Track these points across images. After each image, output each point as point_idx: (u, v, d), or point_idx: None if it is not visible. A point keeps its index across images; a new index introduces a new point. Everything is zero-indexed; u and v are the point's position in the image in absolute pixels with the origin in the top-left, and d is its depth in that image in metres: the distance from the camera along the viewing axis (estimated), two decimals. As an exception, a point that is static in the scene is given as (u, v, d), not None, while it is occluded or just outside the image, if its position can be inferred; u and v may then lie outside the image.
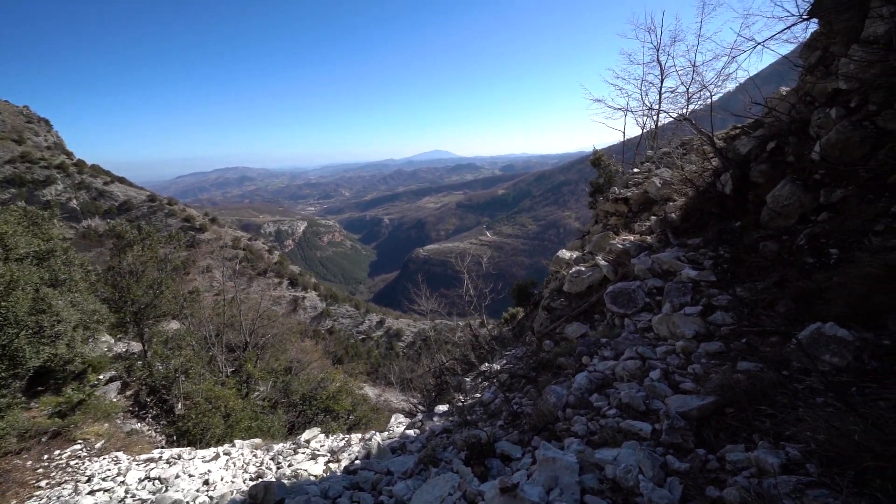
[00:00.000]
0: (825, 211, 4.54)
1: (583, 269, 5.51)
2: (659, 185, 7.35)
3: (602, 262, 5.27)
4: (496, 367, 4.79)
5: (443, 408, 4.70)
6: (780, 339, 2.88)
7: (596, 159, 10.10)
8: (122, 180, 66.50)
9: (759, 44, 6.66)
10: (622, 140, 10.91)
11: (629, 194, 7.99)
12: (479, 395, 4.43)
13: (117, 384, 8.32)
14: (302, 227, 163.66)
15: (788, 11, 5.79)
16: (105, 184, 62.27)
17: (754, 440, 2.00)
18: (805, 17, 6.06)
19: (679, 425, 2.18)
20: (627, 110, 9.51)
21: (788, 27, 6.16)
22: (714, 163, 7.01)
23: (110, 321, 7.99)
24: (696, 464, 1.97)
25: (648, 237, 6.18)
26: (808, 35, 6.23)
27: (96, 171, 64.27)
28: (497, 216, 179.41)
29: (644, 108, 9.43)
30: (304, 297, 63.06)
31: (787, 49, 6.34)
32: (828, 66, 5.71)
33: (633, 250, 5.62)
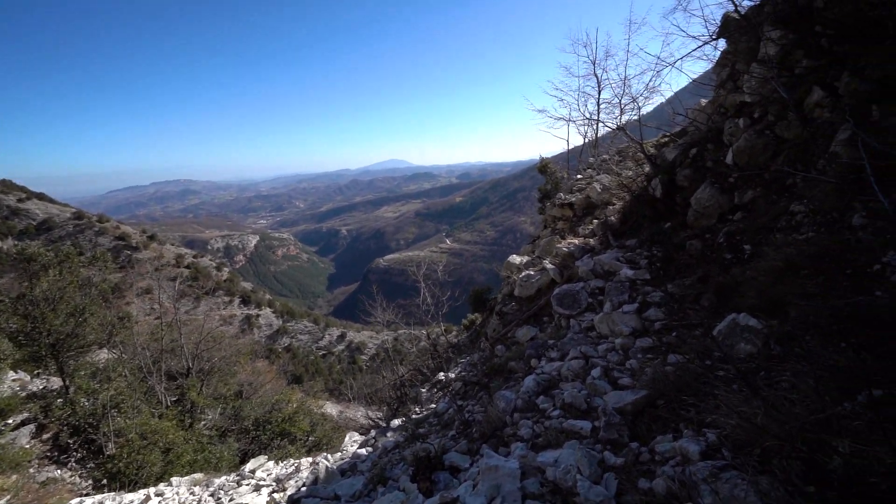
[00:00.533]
0: (739, 210, 5.01)
1: (532, 273, 5.66)
2: (599, 191, 7.77)
3: (549, 266, 5.45)
4: (451, 375, 4.77)
5: (397, 422, 4.59)
6: (703, 331, 3.11)
7: (543, 167, 10.51)
8: (41, 196, 59.85)
9: (678, 59, 7.34)
10: (566, 148, 11.47)
11: (573, 199, 8.38)
12: (434, 406, 4.38)
13: (31, 427, 7.35)
14: (253, 241, 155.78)
15: (703, 32, 6.41)
16: (20, 201, 55.72)
17: (681, 429, 2.12)
18: (714, 37, 6.75)
19: (615, 421, 2.27)
20: (569, 120, 10.04)
21: (699, 46, 6.83)
22: (646, 169, 7.54)
23: (14, 357, 7.05)
24: (630, 457, 2.05)
25: (591, 240, 6.50)
26: (718, 54, 6.93)
27: (7, 186, 57.40)
28: (456, 223, 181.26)
29: (584, 118, 10.01)
30: (257, 315, 59.77)
31: (707, 65, 7.00)
32: (735, 82, 6.35)
33: (577, 253, 5.88)
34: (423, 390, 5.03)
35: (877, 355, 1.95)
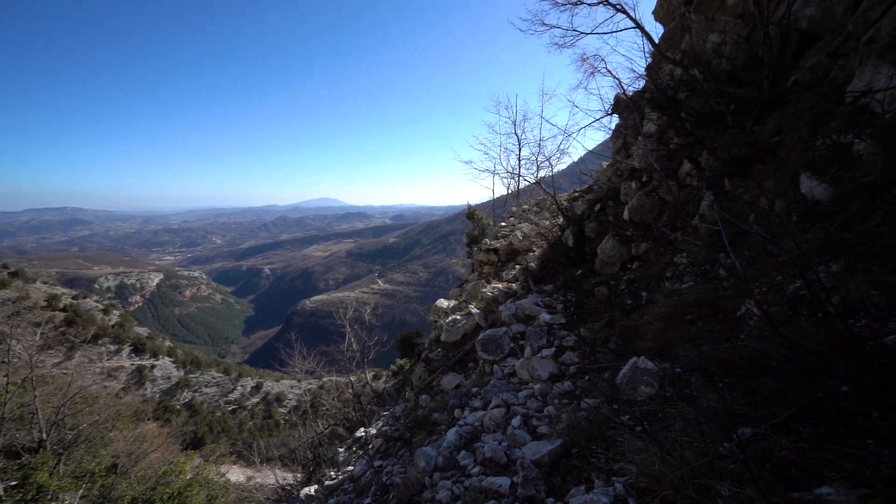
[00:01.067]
0: (636, 261, 5.68)
1: (458, 317, 5.69)
2: (521, 238, 8.30)
3: (475, 310, 5.53)
4: (373, 431, 4.44)
5: (310, 490, 4.07)
6: (611, 373, 3.31)
7: (471, 213, 11.02)
8: None
9: (581, 128, 8.48)
10: (492, 197, 12.22)
11: (498, 245, 8.82)
12: (351, 469, 3.99)
13: None
14: (156, 279, 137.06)
15: (599, 108, 7.50)
16: None
17: (592, 479, 2.16)
18: (608, 112, 7.94)
19: (532, 475, 2.25)
20: (493, 172, 10.82)
21: (597, 119, 7.99)
22: (560, 220, 8.31)
23: None
24: (547, 514, 2.02)
25: (514, 284, 6.81)
26: (614, 126, 8.14)
27: None
28: (389, 264, 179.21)
29: (506, 171, 10.87)
30: (152, 366, 51.32)
31: (606, 134, 8.13)
32: (628, 150, 7.45)
33: (501, 297, 6.08)
34: (342, 450, 4.58)
35: (743, 394, 2.22)
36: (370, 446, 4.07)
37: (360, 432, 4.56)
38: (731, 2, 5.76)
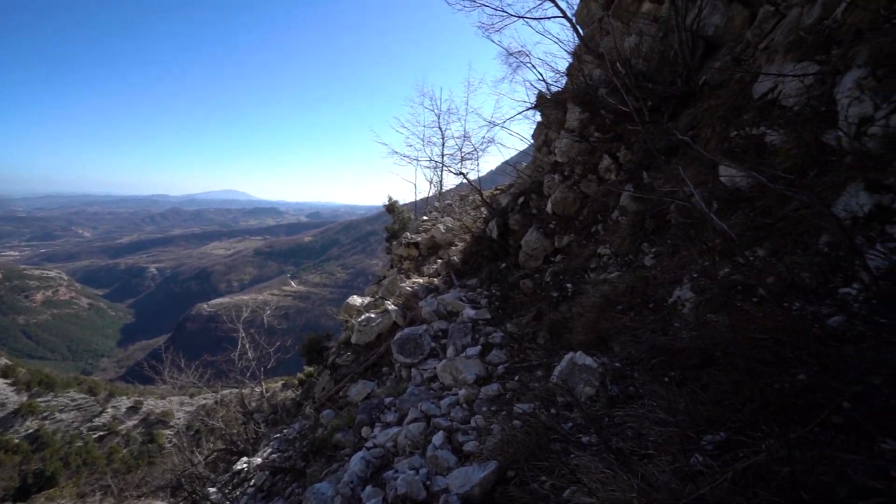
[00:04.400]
0: (559, 253, 5.59)
1: (373, 315, 4.98)
2: (443, 231, 7.86)
3: (391, 307, 4.88)
4: (257, 460, 3.51)
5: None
6: (544, 372, 2.94)
7: (391, 205, 10.33)
8: None
9: (507, 119, 8.39)
10: (415, 193, 11.67)
11: (419, 239, 8.27)
12: (224, 514, 3.06)
13: None
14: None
15: (525, 99, 7.44)
16: None
17: (535, 511, 1.67)
18: (532, 106, 7.95)
19: (460, 515, 1.70)
20: (416, 159, 10.31)
21: (521, 112, 7.97)
22: (484, 213, 8.09)
23: None
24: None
25: (435, 279, 6.31)
26: (538, 120, 8.18)
27: None
28: (303, 264, 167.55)
29: (429, 159, 10.45)
30: (-22, 392, 40.31)
31: (531, 124, 8.12)
32: (549, 147, 7.50)
33: (421, 293, 5.52)
34: (214, 489, 3.54)
35: (695, 390, 1.94)
36: (251, 483, 3.16)
37: (242, 464, 3.58)
38: (645, 7, 6.02)
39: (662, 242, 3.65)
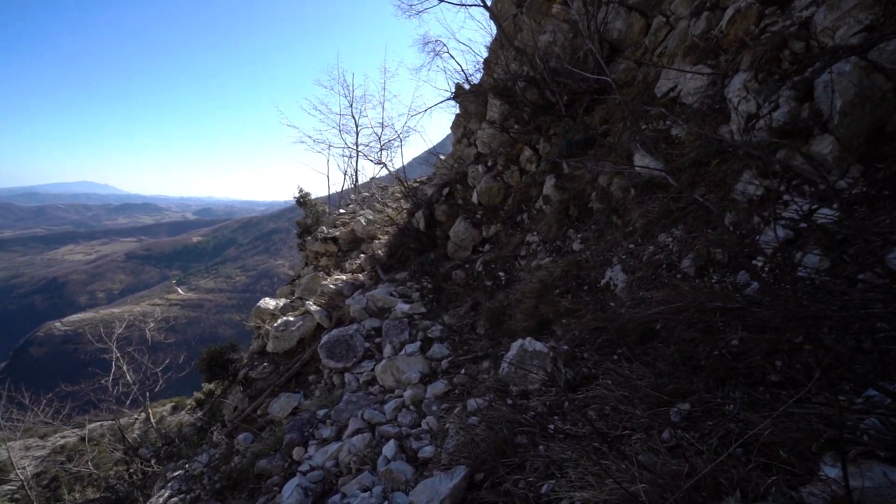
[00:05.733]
0: (487, 243, 5.64)
1: (291, 318, 4.42)
2: (364, 224, 7.42)
3: (314, 308, 4.39)
4: (152, 508, 2.82)
5: None
6: (491, 362, 2.86)
7: (301, 198, 9.45)
8: None
9: (428, 108, 8.26)
10: (327, 183, 10.86)
11: (338, 234, 7.70)
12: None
13: None
14: None
15: (446, 87, 7.36)
16: None
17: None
18: (452, 97, 7.93)
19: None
20: (330, 148, 9.58)
21: (440, 102, 7.91)
22: (407, 204, 7.85)
23: None
24: None
25: (360, 275, 5.90)
26: (458, 111, 8.19)
27: None
28: (192, 268, 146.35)
29: (346, 149, 9.80)
30: None
31: (454, 112, 8.06)
32: (469, 138, 7.56)
33: (346, 290, 5.09)
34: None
35: (645, 363, 2.01)
36: (144, 541, 2.50)
37: (129, 515, 2.83)
38: (555, 10, 6.35)
39: (587, 228, 3.87)
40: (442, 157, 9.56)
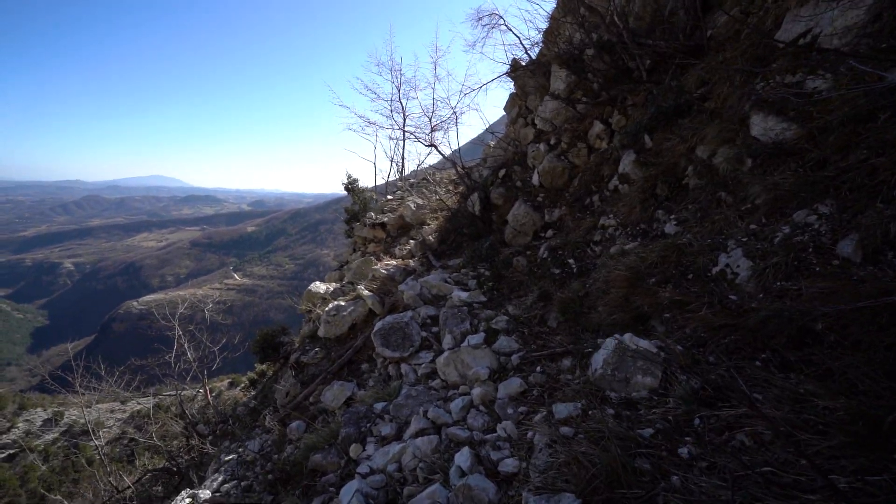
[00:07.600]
0: (550, 228, 5.14)
1: (343, 303, 4.22)
2: (414, 209, 7.15)
3: (365, 292, 4.15)
4: (205, 494, 2.70)
5: None
6: (574, 360, 2.41)
7: (350, 184, 9.37)
8: None
9: (484, 84, 7.79)
10: (374, 169, 10.75)
11: (386, 219, 7.49)
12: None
13: None
14: None
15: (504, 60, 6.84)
16: None
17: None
18: (508, 72, 7.38)
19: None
20: (381, 128, 9.41)
21: (497, 77, 7.40)
22: (459, 189, 7.47)
23: None
24: None
25: (411, 261, 5.62)
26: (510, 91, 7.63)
27: None
28: (247, 256, 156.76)
29: (395, 125, 9.57)
30: None
31: (509, 89, 7.54)
32: (526, 118, 6.98)
33: (398, 275, 4.83)
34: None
35: (822, 376, 1.49)
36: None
37: (185, 498, 2.74)
38: (632, -36, 5.60)
39: (683, 208, 3.26)
40: (491, 143, 9.06)
